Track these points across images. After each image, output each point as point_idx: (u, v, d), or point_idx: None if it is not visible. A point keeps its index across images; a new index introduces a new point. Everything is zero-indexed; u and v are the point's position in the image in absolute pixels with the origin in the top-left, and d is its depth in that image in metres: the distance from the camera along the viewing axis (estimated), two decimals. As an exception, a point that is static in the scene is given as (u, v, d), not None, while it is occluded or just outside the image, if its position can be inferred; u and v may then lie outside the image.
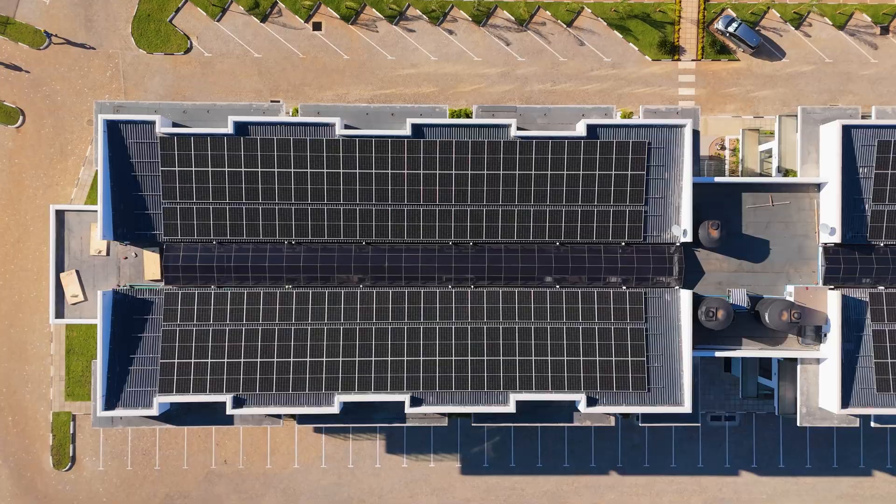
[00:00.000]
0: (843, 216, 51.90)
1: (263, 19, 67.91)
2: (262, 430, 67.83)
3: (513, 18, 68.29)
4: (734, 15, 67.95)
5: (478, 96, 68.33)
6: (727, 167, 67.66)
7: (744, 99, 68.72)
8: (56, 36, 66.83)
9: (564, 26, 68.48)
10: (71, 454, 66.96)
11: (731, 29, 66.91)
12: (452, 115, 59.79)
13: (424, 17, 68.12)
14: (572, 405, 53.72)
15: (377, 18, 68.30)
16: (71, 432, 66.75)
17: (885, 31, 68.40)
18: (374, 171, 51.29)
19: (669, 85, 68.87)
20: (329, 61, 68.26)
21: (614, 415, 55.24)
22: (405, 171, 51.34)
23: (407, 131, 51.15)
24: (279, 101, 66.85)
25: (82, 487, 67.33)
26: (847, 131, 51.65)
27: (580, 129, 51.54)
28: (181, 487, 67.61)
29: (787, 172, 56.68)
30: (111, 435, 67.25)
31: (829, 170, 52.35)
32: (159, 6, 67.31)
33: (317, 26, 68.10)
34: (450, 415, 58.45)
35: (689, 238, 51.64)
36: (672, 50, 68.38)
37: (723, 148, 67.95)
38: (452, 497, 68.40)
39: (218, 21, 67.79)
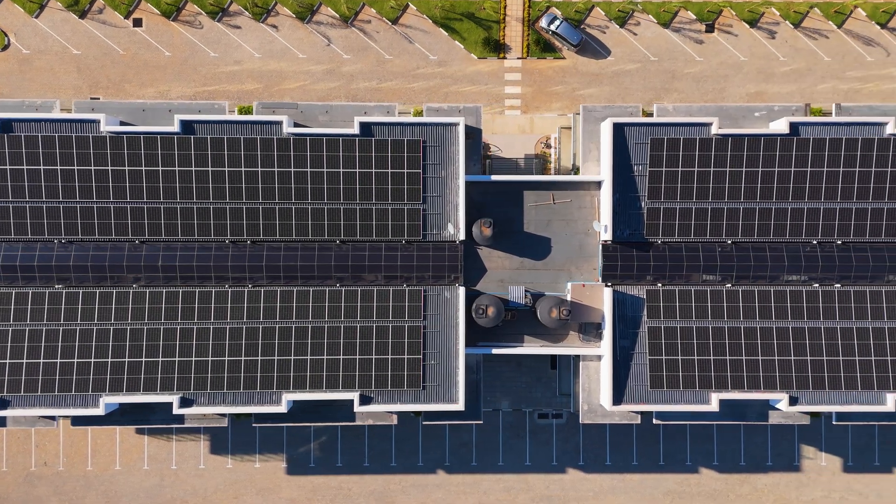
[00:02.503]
0: (620, 214, 52.11)
1: (82, 15, 66.98)
2: (84, 431, 66.92)
3: (337, 16, 67.92)
4: (557, 13, 68.06)
5: (303, 93, 67.85)
6: (552, 165, 67.74)
7: (569, 97, 68.83)
8: None
9: (389, 24, 68.18)
10: None
11: (553, 27, 66.99)
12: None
13: (247, 13, 67.54)
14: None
15: (199, 14, 67.62)
16: None
17: (710, 28, 68.82)
18: (143, 167, 50.68)
19: (496, 83, 68.82)
20: (150, 58, 67.47)
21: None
22: (176, 169, 50.74)
23: (176, 128, 50.55)
24: (98, 98, 66.13)
25: None
26: (619, 129, 51.83)
27: (355, 127, 51.23)
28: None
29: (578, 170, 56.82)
30: (-73, 438, 66.08)
31: (604, 168, 52.51)
32: (-24, 1, 66.24)
33: (137, 22, 67.27)
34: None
35: (462, 236, 51.54)
36: (498, 48, 68.33)
37: (548, 146, 67.98)
38: (278, 497, 67.93)
39: (36, 17, 66.76)
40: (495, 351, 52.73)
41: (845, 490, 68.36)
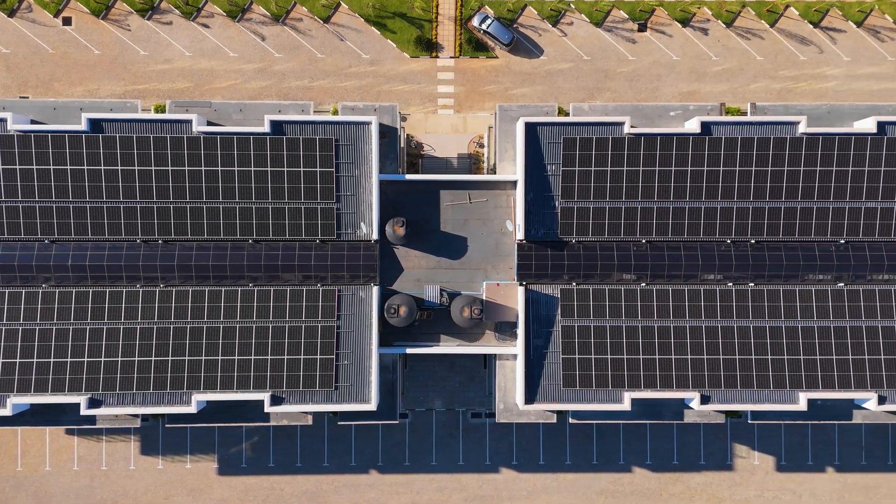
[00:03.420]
0: (534, 213, 52.03)
1: (11, 14, 66.51)
2: (13, 431, 66.47)
3: (268, 14, 67.63)
4: (489, 12, 67.92)
5: (234, 92, 67.54)
6: (485, 164, 67.61)
7: (503, 96, 68.70)
8: None
9: (321, 22, 67.93)
10: None
11: (485, 26, 66.85)
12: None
13: (177, 11, 67.20)
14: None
15: (129, 13, 67.22)
16: None
17: (642, 28, 68.79)
18: (51, 166, 50.32)
19: (429, 82, 68.65)
20: (80, 56, 67.04)
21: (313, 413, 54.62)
22: (85, 167, 50.40)
23: (84, 126, 50.20)
24: (27, 97, 65.73)
25: None
26: (532, 129, 51.74)
27: (265, 125, 50.99)
28: (-72, 492, 66.16)
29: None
30: None
31: (518, 167, 52.40)
32: None
33: (67, 21, 66.83)
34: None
35: (375, 235, 51.37)
36: (430, 47, 68.16)
37: (481, 146, 67.82)
38: (209, 498, 67.61)
39: (-37, 15, 66.31)
40: (409, 350, 52.58)
41: (778, 489, 68.47)
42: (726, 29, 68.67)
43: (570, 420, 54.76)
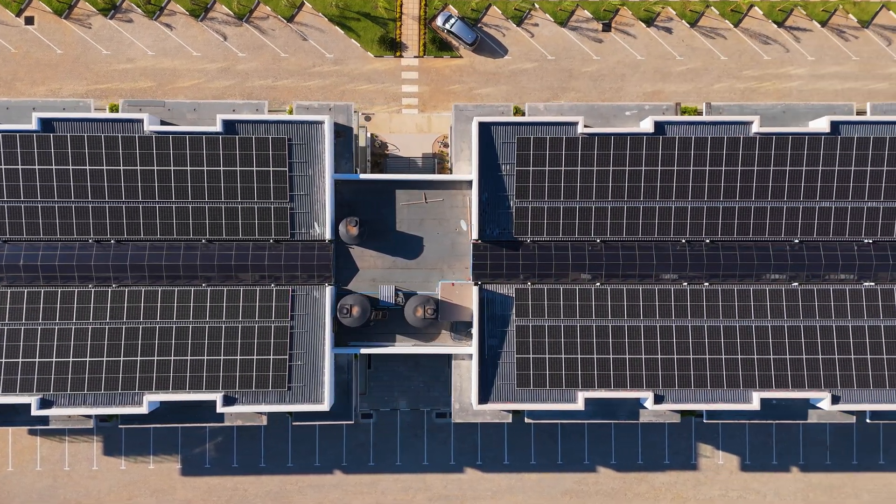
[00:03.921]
0: (490, 213, 51.97)
1: (-28, 12, 66.27)
2: (-26, 433, 66.19)
3: (232, 13, 67.42)
4: (453, 11, 67.82)
5: (197, 91, 67.31)
6: (450, 164, 67.49)
7: (467, 96, 68.59)
8: None
9: (285, 22, 67.76)
10: None
11: (448, 26, 66.75)
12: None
13: (140, 10, 66.96)
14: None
15: (91, 13, 66.96)
16: None
17: (607, 27, 68.74)
18: (2, 165, 50.05)
19: (393, 82, 68.52)
20: (42, 56, 66.76)
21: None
22: (36, 167, 50.20)
23: (34, 125, 49.96)
24: (-12, 97, 65.33)
25: None
26: (486, 128, 51.67)
27: (217, 125, 50.82)
28: None
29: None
30: None
31: (473, 167, 52.32)
32: None
33: (29, 20, 66.55)
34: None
35: (328, 234, 51.24)
36: (394, 46, 68.02)
37: (445, 145, 67.70)
38: (172, 498, 67.39)
39: (-76, 14, 66.00)
40: (364, 351, 52.48)
41: (743, 489, 68.50)
42: (690, 29, 68.68)
43: (526, 420, 54.68)
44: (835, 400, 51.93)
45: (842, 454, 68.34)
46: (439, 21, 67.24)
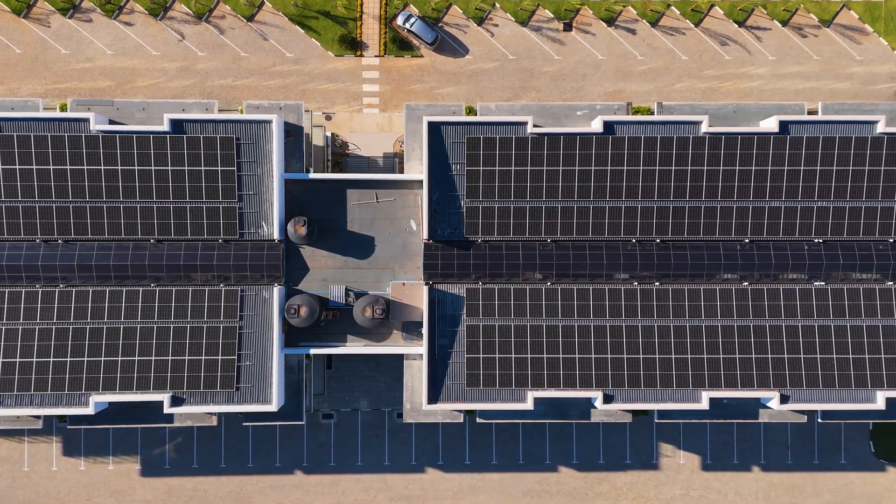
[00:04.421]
0: (440, 213, 51.89)
1: (-71, 11, 65.92)
2: (-68, 433, 65.89)
3: (191, 12, 67.19)
4: (414, 11, 67.69)
5: (156, 91, 67.09)
6: (410, 164, 67.33)
7: (428, 95, 68.48)
8: None
9: (245, 21, 67.54)
10: None
11: (408, 25, 66.61)
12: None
13: (99, 9, 66.67)
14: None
15: (50, 12, 66.66)
16: None
17: (568, 27, 68.67)
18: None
19: (354, 81, 68.36)
20: (0, 55, 66.44)
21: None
22: (-20, 167, 49.97)
23: (-20, 126, 49.74)
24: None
25: None
26: (436, 128, 51.55)
27: (165, 125, 50.61)
28: None
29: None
30: None
31: (423, 166, 52.20)
32: None
33: (-14, 19, 66.30)
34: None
35: (276, 234, 51.07)
36: (355, 45, 67.85)
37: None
38: (132, 499, 67.14)
39: None
40: (314, 351, 52.33)
41: (704, 488, 68.53)
42: (651, 28, 68.66)
43: (478, 420, 54.60)
44: (784, 399, 51.94)
45: (803, 454, 68.43)
46: (400, 20, 67.12)
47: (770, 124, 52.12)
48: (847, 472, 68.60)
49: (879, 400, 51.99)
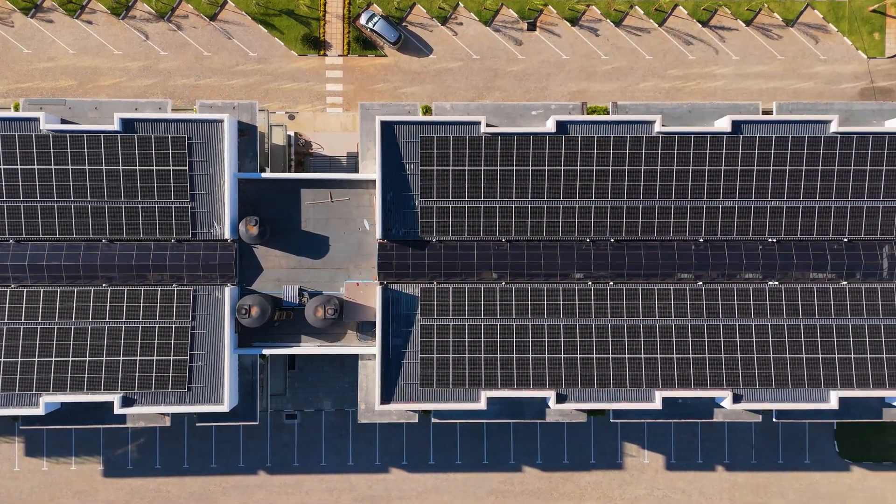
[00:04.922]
0: (395, 213, 51.75)
1: None
2: None
3: (153, 11, 66.94)
4: (377, 10, 67.53)
5: (119, 90, 66.83)
6: (374, 163, 67.18)
7: (392, 94, 68.33)
8: None
9: (207, 20, 67.32)
10: None
11: (371, 24, 66.46)
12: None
13: (61, 9, 66.38)
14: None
15: (11, 11, 66.37)
16: None
17: (532, 27, 68.57)
18: None
19: (317, 80, 68.19)
20: (-39, 54, 66.25)
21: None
22: (-72, 167, 49.63)
23: (-72, 125, 49.42)
24: None
25: None
26: (389, 127, 51.41)
27: (115, 124, 50.39)
28: None
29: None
30: None
31: (376, 166, 52.08)
32: None
33: (-53, 18, 65.99)
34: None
35: (228, 234, 50.89)
36: (318, 45, 67.68)
37: (370, 144, 67.42)
38: (95, 500, 66.89)
39: None
40: (267, 351, 52.17)
41: (668, 488, 68.52)
42: (615, 28, 68.61)
43: (433, 420, 54.48)
44: (736, 398, 51.93)
45: (767, 453, 68.47)
46: (363, 20, 66.97)
47: (723, 124, 52.10)
48: (811, 471, 68.67)
49: (833, 399, 52.02)
